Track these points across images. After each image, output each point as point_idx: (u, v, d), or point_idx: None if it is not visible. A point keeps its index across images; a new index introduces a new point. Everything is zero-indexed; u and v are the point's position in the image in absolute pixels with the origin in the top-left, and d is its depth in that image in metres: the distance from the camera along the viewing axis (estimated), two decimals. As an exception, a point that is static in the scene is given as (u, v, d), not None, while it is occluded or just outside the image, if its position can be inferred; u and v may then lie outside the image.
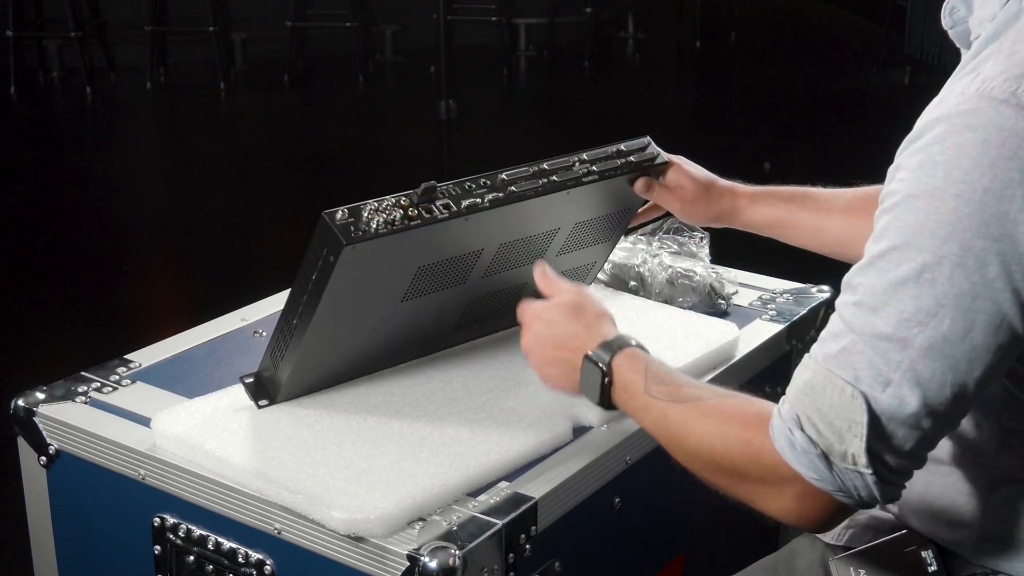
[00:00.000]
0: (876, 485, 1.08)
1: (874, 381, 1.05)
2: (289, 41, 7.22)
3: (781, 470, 1.11)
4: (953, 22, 1.22)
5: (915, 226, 1.04)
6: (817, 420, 1.08)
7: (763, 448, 1.12)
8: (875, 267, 1.07)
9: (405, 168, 5.53)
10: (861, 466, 1.07)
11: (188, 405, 1.46)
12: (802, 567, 1.40)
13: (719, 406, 1.19)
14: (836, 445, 1.07)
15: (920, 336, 1.04)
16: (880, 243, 1.07)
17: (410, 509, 1.26)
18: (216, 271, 4.43)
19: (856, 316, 1.08)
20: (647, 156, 1.61)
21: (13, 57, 6.79)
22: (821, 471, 1.08)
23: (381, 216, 1.34)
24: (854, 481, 1.08)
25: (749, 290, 1.89)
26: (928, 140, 1.05)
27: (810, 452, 1.08)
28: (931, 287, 1.03)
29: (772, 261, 2.01)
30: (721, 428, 1.17)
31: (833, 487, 1.09)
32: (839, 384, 1.07)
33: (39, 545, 1.57)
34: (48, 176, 5.64)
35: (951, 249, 1.02)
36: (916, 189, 1.04)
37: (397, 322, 1.49)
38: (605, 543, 1.48)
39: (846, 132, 6.13)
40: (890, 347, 1.05)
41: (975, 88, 1.04)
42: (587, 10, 7.79)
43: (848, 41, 8.52)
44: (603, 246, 1.71)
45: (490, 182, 1.45)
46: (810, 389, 1.10)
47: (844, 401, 1.07)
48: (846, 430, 1.07)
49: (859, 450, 1.06)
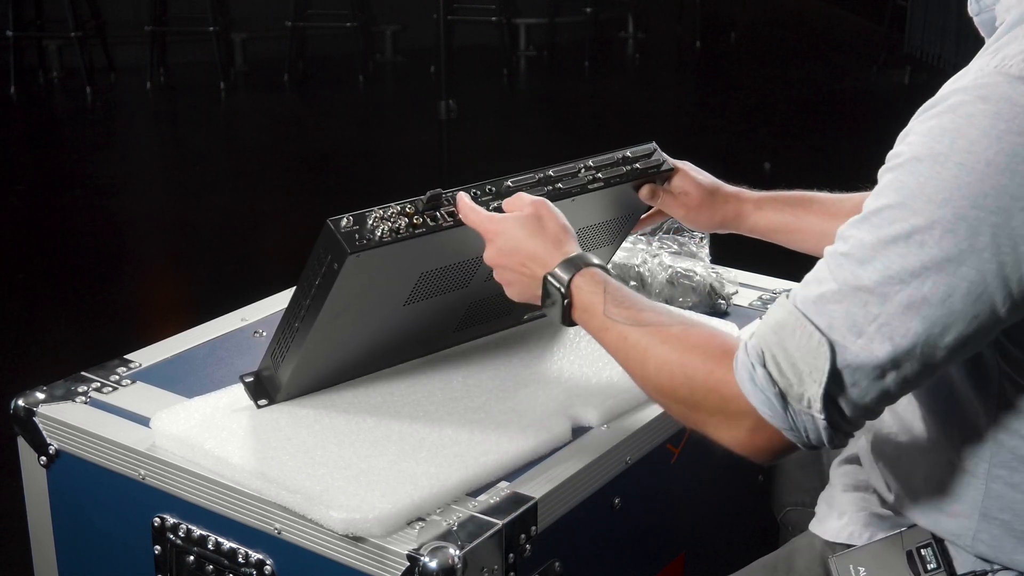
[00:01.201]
0: (826, 430, 1.11)
1: (847, 330, 1.08)
2: (289, 41, 7.22)
3: (738, 402, 1.13)
4: (980, 8, 1.23)
5: (914, 188, 1.06)
6: (781, 359, 1.11)
7: (724, 380, 1.15)
8: (869, 222, 1.09)
9: (405, 168, 5.53)
10: (815, 411, 1.09)
11: (187, 405, 1.46)
12: (802, 566, 1.40)
13: (682, 334, 1.21)
14: (795, 386, 1.10)
15: (901, 293, 1.06)
16: (878, 199, 1.09)
17: (409, 509, 1.26)
18: (216, 271, 4.43)
19: (842, 266, 1.09)
20: (653, 163, 1.60)
21: (13, 57, 6.79)
22: (775, 409, 1.11)
23: (386, 224, 1.34)
24: (806, 423, 1.11)
25: (749, 290, 1.89)
26: (942, 108, 1.07)
27: (768, 390, 1.11)
28: (919, 248, 1.05)
29: (772, 261, 2.01)
30: (683, 356, 1.19)
31: (784, 425, 1.12)
32: (809, 329, 1.09)
33: (39, 545, 1.57)
34: (48, 176, 5.64)
35: (945, 214, 1.04)
36: (921, 152, 1.06)
37: (398, 324, 1.49)
38: (605, 543, 1.48)
39: (846, 132, 6.13)
40: (870, 299, 1.07)
41: (994, 64, 1.06)
42: (587, 10, 7.79)
43: (848, 41, 8.52)
44: (606, 250, 1.70)
45: (495, 189, 1.45)
46: (780, 328, 1.12)
47: (811, 345, 1.09)
48: (807, 374, 1.09)
49: (816, 395, 1.09)
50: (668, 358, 1.20)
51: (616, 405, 1.49)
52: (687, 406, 1.20)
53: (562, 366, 1.59)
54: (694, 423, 1.21)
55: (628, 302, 1.27)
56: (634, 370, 1.26)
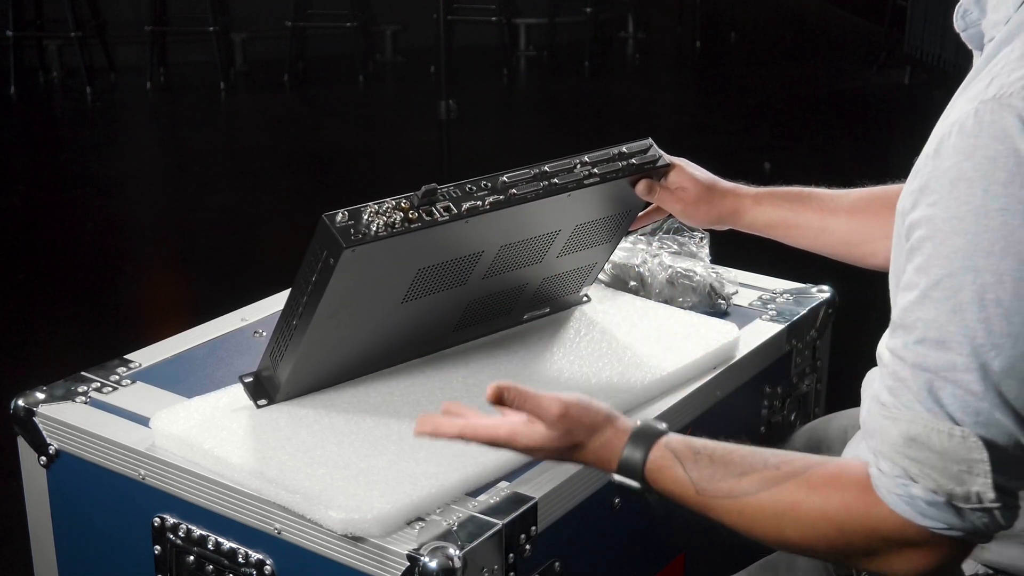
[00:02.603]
0: (1002, 514, 1.06)
1: (965, 415, 1.02)
2: (289, 41, 7.22)
3: (906, 531, 1.07)
4: (966, 24, 1.19)
5: (967, 248, 1.00)
6: (930, 470, 1.05)
7: (880, 517, 1.08)
8: (931, 299, 1.03)
9: (405, 168, 5.53)
10: (987, 502, 1.04)
11: (187, 404, 1.46)
12: (802, 566, 1.40)
13: (804, 482, 1.12)
14: (958, 489, 1.04)
15: (998, 359, 1.01)
16: (929, 273, 1.03)
17: (407, 509, 1.26)
18: (216, 271, 4.43)
19: (926, 354, 1.04)
20: (649, 158, 1.60)
21: (13, 57, 6.79)
22: (950, 519, 1.06)
23: (381, 219, 1.34)
24: (983, 519, 1.06)
25: (749, 290, 1.89)
26: (955, 157, 1.02)
27: (937, 503, 1.05)
28: (997, 307, 1.00)
29: (772, 261, 2.01)
30: (822, 507, 1.11)
31: (964, 531, 1.06)
32: (943, 427, 1.03)
33: (39, 545, 1.57)
34: (48, 176, 5.64)
35: (1010, 264, 0.99)
36: (958, 210, 1.01)
37: (397, 323, 1.49)
38: (605, 543, 1.48)
39: (846, 132, 6.13)
40: (971, 378, 1.01)
41: (992, 94, 1.02)
42: (587, 10, 7.78)
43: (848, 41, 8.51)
44: (604, 247, 1.70)
45: (491, 184, 1.45)
46: (912, 440, 1.05)
47: (955, 444, 1.03)
48: (965, 472, 1.03)
49: (985, 487, 1.03)
50: (807, 518, 1.11)
51: (616, 405, 1.48)
52: (848, 555, 1.14)
53: (562, 366, 1.59)
54: (865, 566, 1.15)
55: (715, 473, 1.16)
56: (769, 537, 1.16)
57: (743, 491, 1.14)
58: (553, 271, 1.65)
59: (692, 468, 1.17)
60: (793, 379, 1.81)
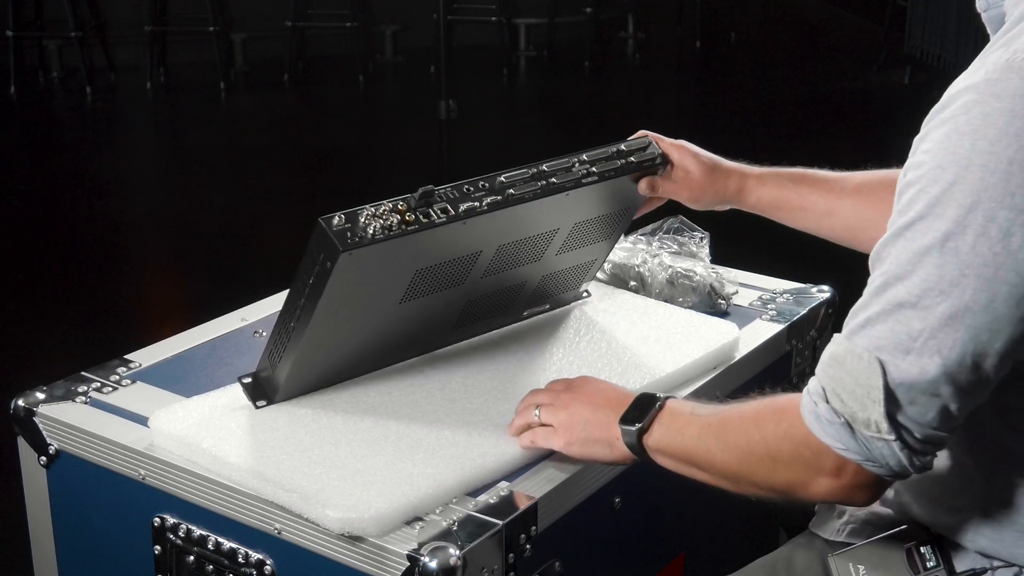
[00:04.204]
0: (903, 452, 1.10)
1: (895, 349, 1.07)
2: (289, 41, 7.22)
3: (811, 443, 1.13)
4: (988, 4, 1.22)
5: (940, 195, 1.05)
6: (840, 389, 1.11)
7: (793, 424, 1.15)
8: (902, 237, 1.08)
9: (405, 168, 5.53)
10: (884, 432, 1.09)
11: (186, 404, 1.46)
12: (802, 565, 1.40)
13: (749, 407, 1.23)
14: (859, 412, 1.09)
15: (942, 305, 1.05)
16: (907, 214, 1.08)
17: (405, 509, 1.26)
18: (216, 271, 4.43)
19: (882, 286, 1.09)
20: (647, 156, 1.60)
21: (13, 57, 6.78)
22: (846, 439, 1.11)
23: (378, 221, 1.34)
24: (881, 450, 1.10)
25: (749, 290, 1.89)
26: (954, 110, 1.06)
27: (834, 421, 1.11)
28: (954, 256, 1.04)
29: (772, 261, 2.01)
30: (755, 417, 1.21)
31: (861, 456, 1.11)
32: (858, 352, 1.09)
33: (39, 545, 1.57)
34: (48, 176, 5.63)
35: (975, 219, 1.03)
36: (943, 159, 1.05)
37: (395, 322, 1.49)
38: (605, 543, 1.48)
39: (846, 132, 6.13)
40: (912, 315, 1.06)
41: (1004, 59, 1.05)
42: (587, 10, 7.78)
43: (848, 41, 8.51)
44: (604, 244, 1.70)
45: (488, 185, 1.44)
46: (833, 360, 1.12)
47: (862, 367, 1.08)
48: (865, 396, 1.08)
49: (879, 415, 1.08)
50: (743, 427, 1.22)
51: (616, 405, 1.49)
52: (769, 467, 1.19)
53: (561, 366, 1.59)
54: (783, 487, 1.20)
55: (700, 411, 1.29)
56: (716, 452, 1.25)
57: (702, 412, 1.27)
58: (552, 268, 1.65)
59: (698, 406, 1.30)
60: (793, 379, 1.81)
